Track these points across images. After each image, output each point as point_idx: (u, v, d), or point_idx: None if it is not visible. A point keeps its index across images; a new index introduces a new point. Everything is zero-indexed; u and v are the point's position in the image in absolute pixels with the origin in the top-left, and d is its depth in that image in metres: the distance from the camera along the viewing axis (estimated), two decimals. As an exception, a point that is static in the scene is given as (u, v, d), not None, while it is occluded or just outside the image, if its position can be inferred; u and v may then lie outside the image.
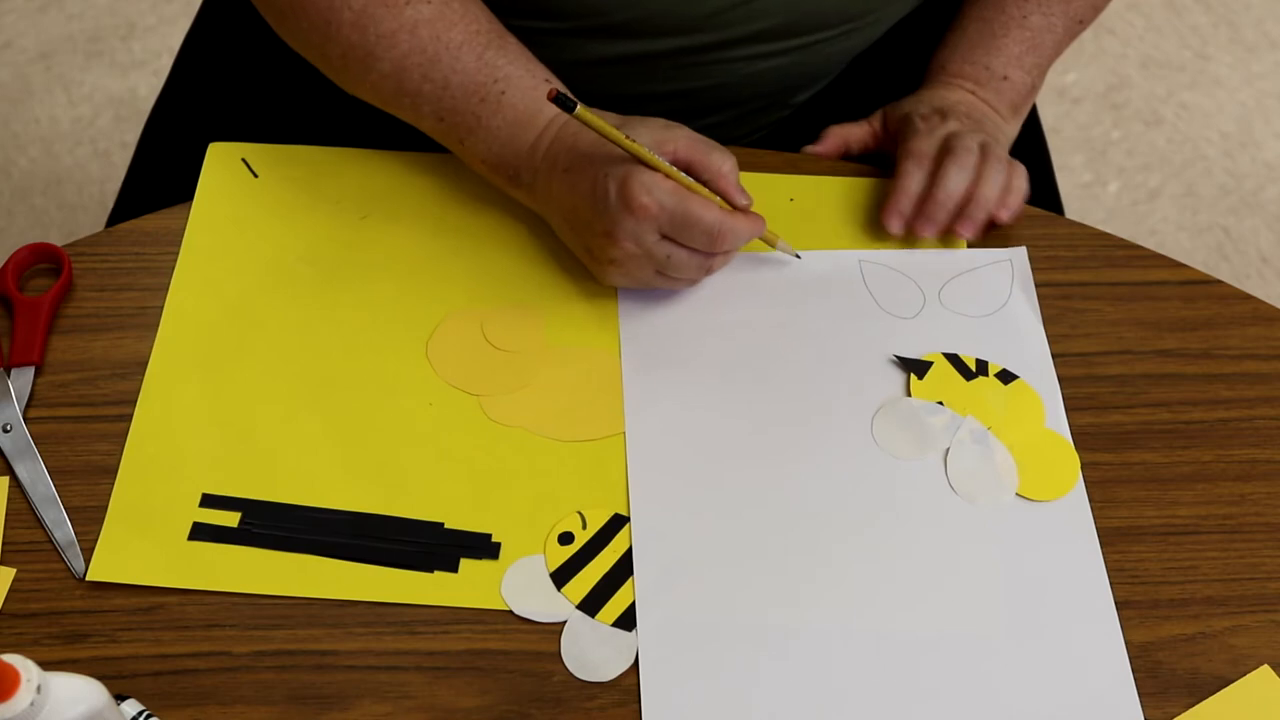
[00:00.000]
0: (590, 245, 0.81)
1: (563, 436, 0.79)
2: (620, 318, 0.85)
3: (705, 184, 0.80)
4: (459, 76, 0.82)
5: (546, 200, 0.84)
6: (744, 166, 0.89)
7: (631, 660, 0.71)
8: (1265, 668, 0.72)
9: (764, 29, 0.90)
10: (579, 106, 0.75)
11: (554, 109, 0.82)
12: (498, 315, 0.84)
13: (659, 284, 0.83)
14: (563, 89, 0.80)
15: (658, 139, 0.79)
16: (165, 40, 1.98)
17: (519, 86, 0.83)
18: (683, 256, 0.80)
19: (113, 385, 0.81)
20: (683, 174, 0.79)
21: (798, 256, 0.87)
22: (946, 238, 0.88)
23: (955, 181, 0.86)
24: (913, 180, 0.87)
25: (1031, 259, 0.88)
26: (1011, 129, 0.95)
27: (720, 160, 0.80)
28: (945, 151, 0.87)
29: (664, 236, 0.79)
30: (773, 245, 0.86)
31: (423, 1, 0.82)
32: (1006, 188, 0.87)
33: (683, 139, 0.80)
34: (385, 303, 0.85)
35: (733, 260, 0.85)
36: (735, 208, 0.80)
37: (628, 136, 0.77)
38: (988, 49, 0.94)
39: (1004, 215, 0.87)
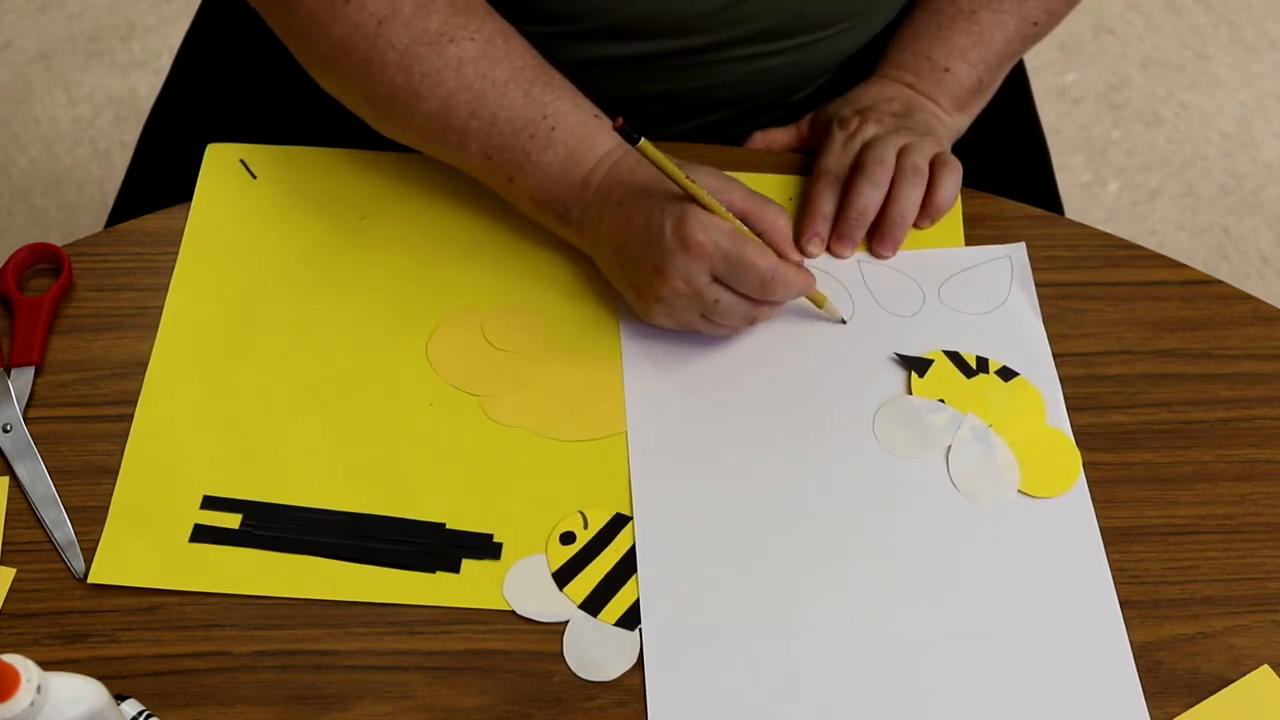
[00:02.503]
0: (638, 282, 0.80)
1: (564, 436, 0.79)
2: (620, 317, 0.84)
3: (758, 235, 0.79)
4: (507, 112, 0.81)
5: (595, 236, 0.83)
6: (743, 167, 0.90)
7: (634, 660, 0.71)
8: (1265, 668, 0.72)
9: (758, 30, 0.90)
10: (643, 140, 0.74)
11: (605, 144, 0.81)
12: (498, 315, 0.84)
13: (701, 327, 0.81)
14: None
15: (714, 186, 0.78)
16: (165, 40, 1.98)
17: (568, 122, 0.82)
18: (731, 302, 0.79)
19: (113, 385, 0.81)
20: (738, 221, 0.78)
21: (844, 321, 0.85)
22: (944, 235, 0.88)
23: (866, 198, 0.86)
24: (825, 201, 0.88)
25: (1031, 259, 0.88)
26: (956, 122, 0.94)
27: (775, 214, 0.80)
28: (857, 166, 0.87)
29: (715, 279, 0.78)
30: (820, 305, 0.84)
31: (466, 40, 0.82)
32: (930, 194, 0.87)
33: (739, 190, 0.80)
34: (385, 303, 0.85)
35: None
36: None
37: (687, 176, 0.77)
38: (931, 40, 0.94)
39: (924, 224, 0.88)
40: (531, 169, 0.82)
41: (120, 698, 0.67)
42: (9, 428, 0.78)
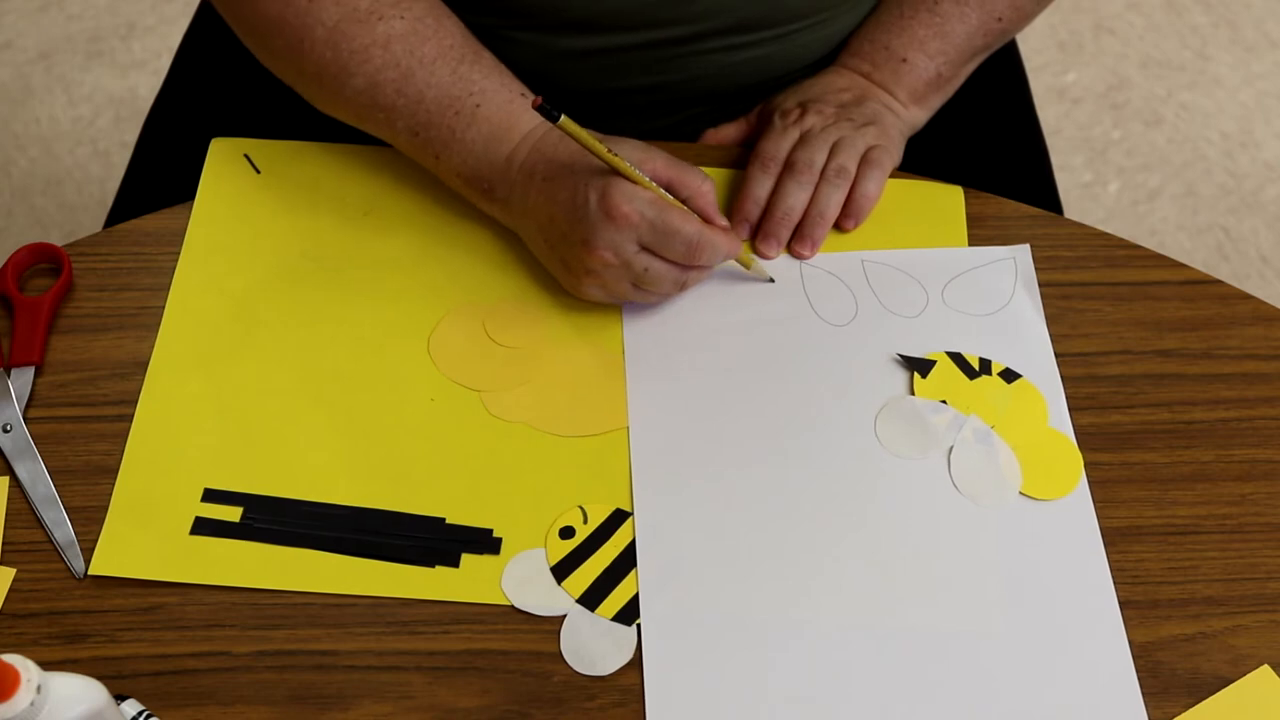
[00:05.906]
0: (566, 256, 0.81)
1: (565, 431, 0.79)
2: (624, 313, 0.84)
3: (684, 202, 0.80)
4: (433, 91, 0.82)
5: (522, 213, 0.83)
6: (742, 166, 0.89)
7: (630, 654, 0.71)
8: (1265, 668, 0.72)
9: (734, 22, 0.90)
10: (563, 116, 0.75)
11: (530, 122, 0.82)
12: (500, 311, 0.84)
13: (634, 297, 0.82)
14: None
15: (637, 158, 0.79)
16: (165, 40, 1.98)
17: (494, 100, 0.82)
18: (660, 269, 0.80)
19: (113, 385, 0.81)
20: (662, 190, 0.79)
21: (771, 280, 0.86)
22: (948, 236, 0.88)
23: (792, 198, 0.87)
24: (758, 185, 0.88)
25: (1032, 258, 0.88)
26: (912, 116, 0.94)
27: (699, 180, 0.81)
28: (786, 166, 0.88)
29: (643, 248, 0.79)
30: (748, 267, 0.85)
31: (395, 17, 0.82)
32: (850, 193, 0.87)
33: (661, 159, 0.81)
34: (387, 298, 0.85)
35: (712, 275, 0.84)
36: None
37: (609, 150, 0.77)
38: (890, 29, 0.94)
39: (847, 224, 0.88)
40: (456, 146, 0.83)
41: (120, 698, 0.67)
42: (9, 428, 0.78)
